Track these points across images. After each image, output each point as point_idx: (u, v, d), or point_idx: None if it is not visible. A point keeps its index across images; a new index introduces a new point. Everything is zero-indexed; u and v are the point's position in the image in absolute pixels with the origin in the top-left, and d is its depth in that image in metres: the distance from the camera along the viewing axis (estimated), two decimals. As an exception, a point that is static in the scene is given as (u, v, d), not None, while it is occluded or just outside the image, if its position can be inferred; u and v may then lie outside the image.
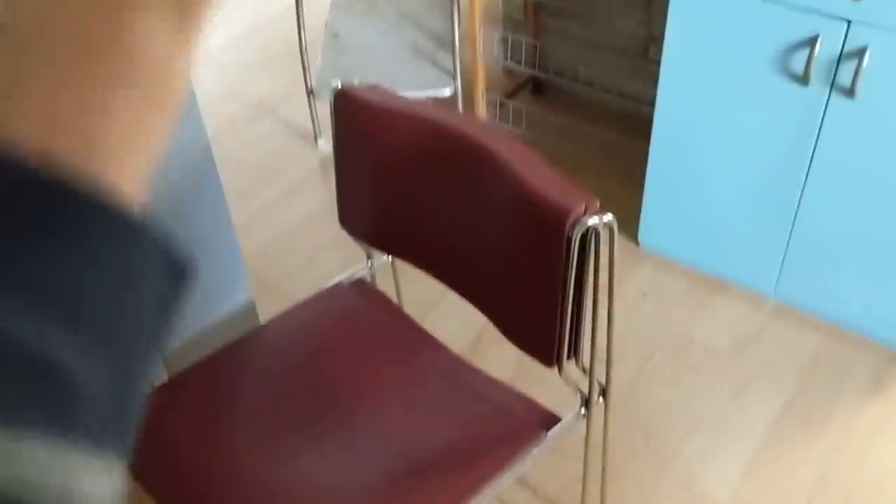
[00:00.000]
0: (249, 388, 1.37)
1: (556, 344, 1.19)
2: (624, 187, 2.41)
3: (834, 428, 1.80)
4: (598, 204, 1.11)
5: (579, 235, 1.09)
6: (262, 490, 1.21)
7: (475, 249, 1.29)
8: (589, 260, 1.12)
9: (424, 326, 1.45)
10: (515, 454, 1.25)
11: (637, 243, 2.25)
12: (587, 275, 1.14)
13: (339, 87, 1.35)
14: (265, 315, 1.48)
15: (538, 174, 1.15)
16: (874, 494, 1.69)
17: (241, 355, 1.42)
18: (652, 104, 1.99)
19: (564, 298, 1.14)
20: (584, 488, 1.48)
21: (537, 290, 1.18)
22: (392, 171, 1.34)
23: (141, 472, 1.26)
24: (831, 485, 1.70)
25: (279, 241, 2.36)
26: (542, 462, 1.76)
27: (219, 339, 1.43)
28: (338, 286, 1.53)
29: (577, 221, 1.08)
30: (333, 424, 1.31)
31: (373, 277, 1.61)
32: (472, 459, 1.25)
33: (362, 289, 1.54)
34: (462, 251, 1.31)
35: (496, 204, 1.21)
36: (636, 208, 2.18)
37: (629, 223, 2.28)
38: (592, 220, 1.09)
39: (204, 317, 1.48)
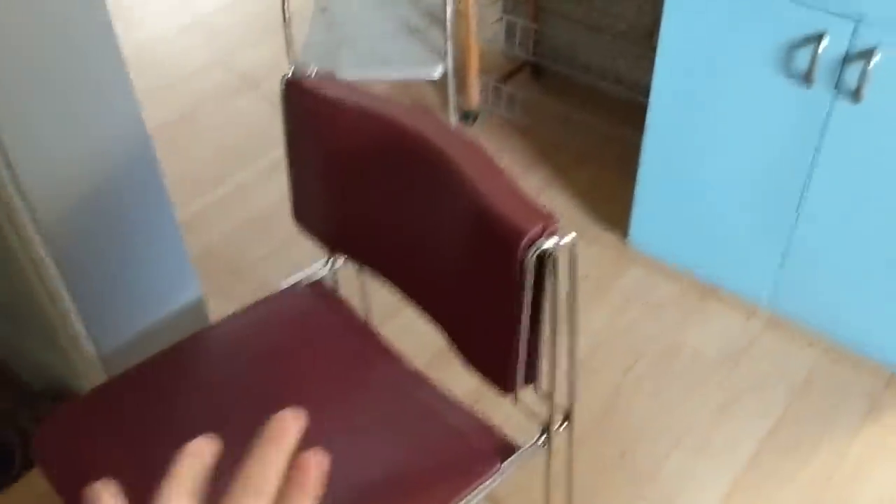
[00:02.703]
0: (186, 395, 1.27)
1: (511, 371, 1.09)
2: (620, 181, 2.29)
3: (824, 454, 1.69)
4: (557, 224, 1.00)
5: (533, 258, 0.98)
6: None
7: (430, 261, 1.18)
8: (546, 284, 1.01)
9: (386, 333, 1.35)
10: (467, 486, 1.15)
11: (627, 243, 2.13)
12: (545, 299, 1.03)
13: (290, 76, 1.23)
14: (232, 305, 1.38)
15: (497, 187, 1.03)
16: (861, 527, 1.59)
17: (181, 360, 1.32)
18: (651, 95, 1.86)
19: (518, 323, 1.03)
20: (546, 513, 1.39)
21: (491, 313, 1.07)
22: (345, 169, 1.23)
23: (59, 484, 1.17)
24: (816, 515, 1.60)
25: (253, 224, 2.25)
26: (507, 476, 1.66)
27: (164, 341, 1.33)
28: (293, 287, 1.43)
29: (531, 244, 0.97)
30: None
31: (335, 278, 1.50)
32: (417, 489, 1.15)
33: (319, 291, 1.44)
34: (417, 262, 1.20)
35: (451, 216, 1.10)
36: (630, 204, 2.06)
37: (622, 221, 2.16)
38: (549, 243, 0.97)
39: (144, 317, 1.38)
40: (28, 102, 1.09)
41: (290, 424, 0.46)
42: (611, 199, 2.26)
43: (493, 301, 1.06)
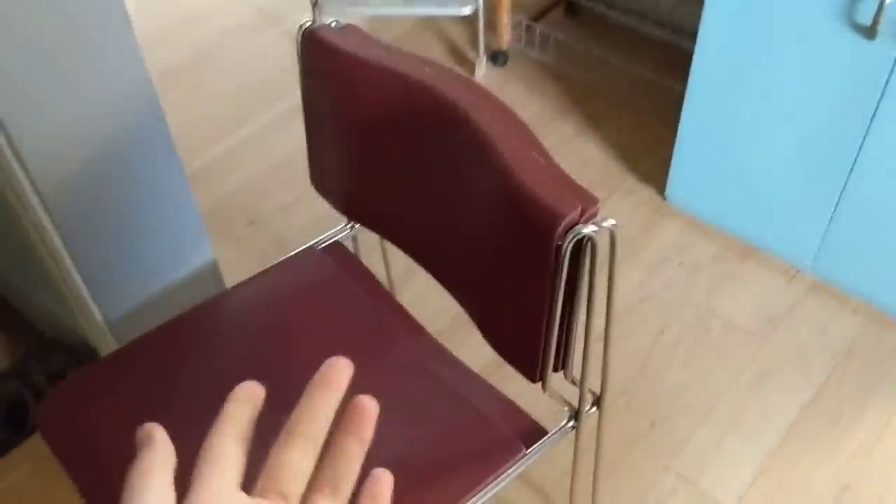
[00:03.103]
0: (199, 364, 1.21)
1: (541, 359, 1.01)
2: (658, 131, 2.17)
3: (865, 427, 1.62)
4: (597, 206, 0.91)
5: (571, 244, 0.89)
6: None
7: (455, 239, 1.09)
8: (583, 271, 0.93)
9: (405, 296, 1.28)
10: (491, 472, 1.09)
11: (664, 197, 2.03)
12: (581, 286, 0.94)
13: (309, 25, 1.13)
14: (248, 257, 1.31)
15: (532, 163, 0.94)
16: (901, 507, 1.52)
17: (193, 328, 1.26)
18: (696, 38, 1.73)
19: (552, 311, 0.95)
20: (572, 487, 1.33)
21: (521, 299, 0.99)
22: (364, 131, 1.14)
23: (66, 454, 1.12)
24: (857, 494, 1.52)
25: (274, 171, 2.17)
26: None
27: (176, 307, 1.26)
28: (311, 250, 1.36)
29: (569, 228, 0.88)
30: (284, 412, 1.15)
31: (354, 239, 1.43)
32: (438, 476, 1.09)
33: (339, 255, 1.36)
34: (440, 239, 1.12)
35: (480, 193, 1.01)
36: (669, 156, 1.95)
37: (659, 174, 2.06)
38: (588, 229, 0.88)
39: (153, 283, 1.31)
40: (16, 56, 1.01)
41: (341, 370, 0.45)
42: (648, 151, 2.15)
43: (524, 287, 0.97)
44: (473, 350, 1.24)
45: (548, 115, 2.29)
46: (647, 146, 2.16)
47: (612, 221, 0.91)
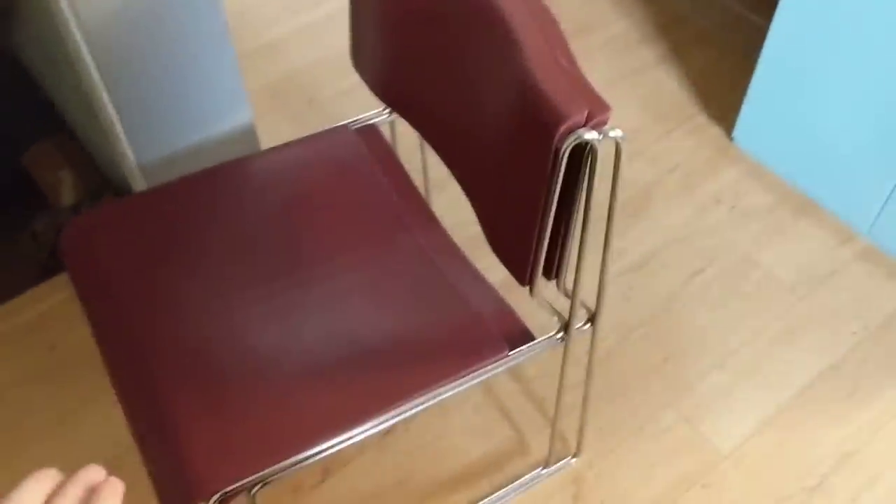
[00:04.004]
0: (216, 220, 1.25)
1: (531, 262, 1.01)
2: (739, 71, 2.08)
3: (882, 403, 1.57)
4: (608, 114, 0.88)
5: (569, 148, 0.87)
6: (197, 327, 1.12)
7: (473, 133, 1.08)
8: (583, 178, 0.91)
9: (437, 200, 1.28)
10: (470, 365, 1.11)
11: (731, 138, 1.96)
12: (580, 192, 0.93)
13: None
14: (304, 131, 1.34)
15: (550, 63, 0.92)
16: (902, 486, 1.48)
17: (218, 182, 1.29)
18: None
19: (545, 215, 0.95)
20: (557, 400, 1.33)
21: (519, 198, 0.98)
22: (404, 13, 1.13)
23: (79, 278, 1.19)
24: (859, 463, 1.49)
25: (342, 55, 2.16)
26: (516, 365, 1.62)
27: (208, 162, 1.30)
28: (343, 128, 1.37)
29: (569, 131, 0.87)
30: (291, 283, 1.19)
31: (392, 128, 1.43)
32: (420, 357, 1.11)
33: (370, 138, 1.37)
34: (460, 130, 1.11)
35: (500, 87, 0.99)
36: (741, 98, 1.87)
37: (730, 115, 1.98)
38: (590, 135, 0.87)
39: (188, 135, 1.35)
40: None
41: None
42: (725, 89, 2.07)
43: (523, 187, 0.97)
44: (488, 271, 1.23)
45: (632, 37, 2.21)
46: (725, 84, 2.08)
47: (619, 132, 0.88)
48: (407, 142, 1.51)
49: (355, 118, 1.39)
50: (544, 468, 1.49)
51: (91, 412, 1.54)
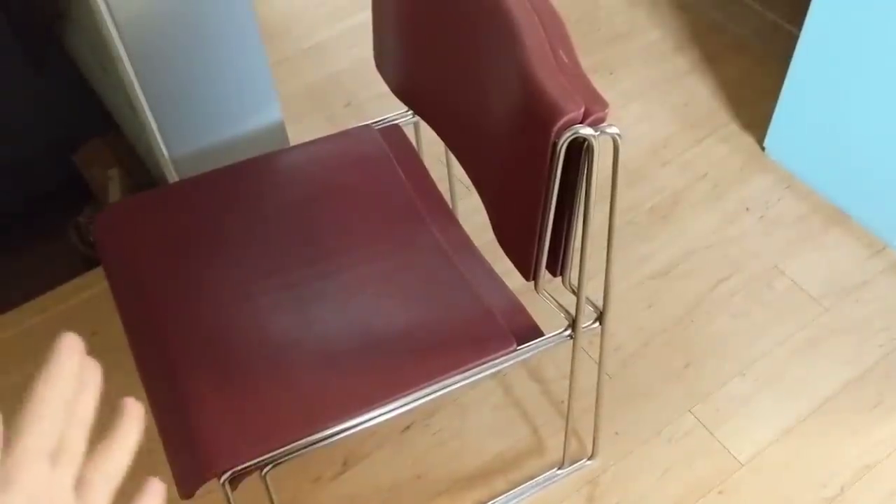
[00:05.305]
0: (241, 211, 1.30)
1: (534, 257, 1.03)
2: (773, 79, 2.07)
3: (906, 415, 1.55)
4: (606, 111, 0.90)
5: (566, 144, 0.90)
6: (217, 312, 1.17)
7: (481, 130, 1.11)
8: (581, 173, 0.93)
9: (462, 201, 1.31)
10: (477, 358, 1.13)
11: (763, 147, 1.95)
12: (580, 188, 0.95)
13: None
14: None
15: (550, 59, 0.94)
16: (923, 501, 1.46)
17: (244, 177, 1.34)
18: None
19: (545, 212, 0.97)
20: (569, 401, 1.35)
21: (523, 195, 1.01)
22: (416, 16, 1.16)
23: (109, 263, 1.25)
24: (877, 476, 1.47)
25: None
26: (524, 361, 1.63)
27: (235, 157, 1.35)
28: (367, 127, 1.41)
29: (566, 127, 0.89)
30: (310, 274, 1.23)
31: (416, 129, 1.46)
32: (427, 349, 1.14)
33: (392, 137, 1.41)
34: (471, 127, 1.14)
35: (502, 84, 1.02)
36: (774, 107, 1.87)
37: (763, 124, 1.97)
38: (586, 130, 0.89)
39: (218, 130, 1.40)
40: None
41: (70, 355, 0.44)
42: (758, 98, 2.06)
43: (525, 182, 0.99)
44: (511, 271, 1.25)
45: (667, 45, 2.22)
46: (758, 93, 2.07)
47: (615, 129, 0.90)
48: (436, 149, 1.55)
49: (380, 118, 1.43)
50: (560, 468, 1.50)
51: (127, 395, 1.60)
